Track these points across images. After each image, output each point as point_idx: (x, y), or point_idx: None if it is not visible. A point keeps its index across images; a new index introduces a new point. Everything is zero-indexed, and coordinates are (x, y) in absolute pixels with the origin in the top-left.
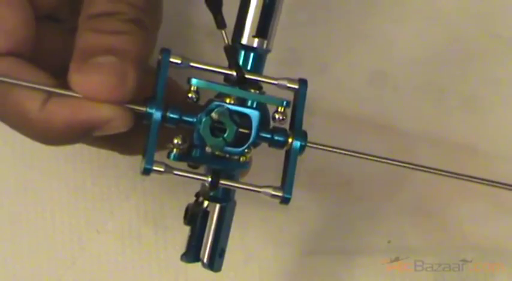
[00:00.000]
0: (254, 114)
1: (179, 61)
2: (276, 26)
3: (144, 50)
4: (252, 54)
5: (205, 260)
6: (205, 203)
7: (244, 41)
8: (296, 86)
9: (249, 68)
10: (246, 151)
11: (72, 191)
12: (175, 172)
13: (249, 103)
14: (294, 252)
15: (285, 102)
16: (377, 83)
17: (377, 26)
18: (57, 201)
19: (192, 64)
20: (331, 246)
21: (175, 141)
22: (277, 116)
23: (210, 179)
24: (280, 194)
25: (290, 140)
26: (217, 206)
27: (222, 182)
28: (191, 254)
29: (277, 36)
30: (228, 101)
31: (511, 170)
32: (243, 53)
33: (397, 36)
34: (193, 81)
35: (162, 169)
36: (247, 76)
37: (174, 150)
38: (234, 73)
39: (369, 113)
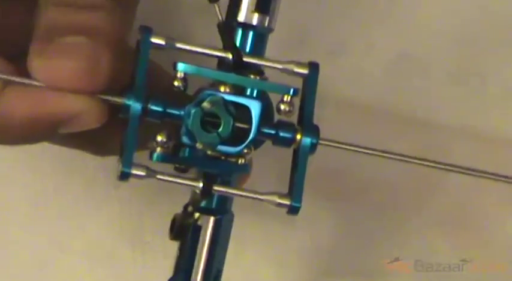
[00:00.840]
0: (254, 105)
1: (163, 42)
2: None
3: (121, 29)
4: (251, 33)
5: None
6: (196, 215)
7: (241, 17)
8: (305, 71)
9: (247, 49)
10: (245, 150)
11: (31, 202)
12: (159, 177)
13: (248, 92)
14: (302, 274)
15: (292, 90)
16: (402, 68)
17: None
18: (12, 213)
19: (178, 45)
20: (346, 267)
21: (159, 138)
22: (282, 107)
23: (201, 185)
24: (287, 202)
25: (299, 136)
26: (211, 219)
27: (216, 188)
28: (180, 277)
29: (282, 12)
30: (222, 89)
31: None
32: (240, 31)
33: (426, 13)
34: (180, 66)
35: (142, 173)
36: (245, 59)
37: (158, 149)
38: (230, 56)
39: (393, 105)
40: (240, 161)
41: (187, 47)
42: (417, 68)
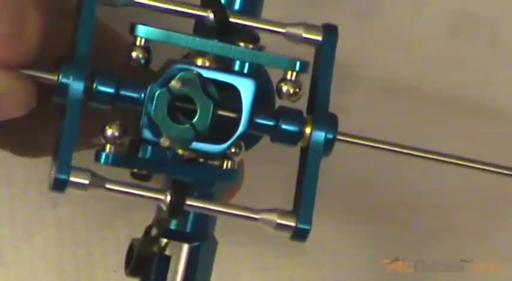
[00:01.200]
0: (245, 84)
1: None
2: None
3: None
4: None
5: None
6: (163, 241)
7: None
8: (319, 38)
9: (236, 7)
10: (232, 149)
11: None
12: (109, 186)
13: (237, 66)
14: None
15: (298, 64)
16: (460, 35)
17: None
18: None
19: (142, 1)
20: None
21: (109, 132)
22: (285, 88)
23: (169, 199)
24: (292, 223)
25: (308, 129)
26: (185, 247)
27: (190, 204)
28: None
29: None
30: (200, 62)
31: None
32: None
33: None
34: (141, 29)
35: (85, 181)
36: (232, 20)
37: (108, 148)
38: (211, 15)
39: (447, 87)
40: (225, 165)
41: (152, 3)
42: (481, 34)
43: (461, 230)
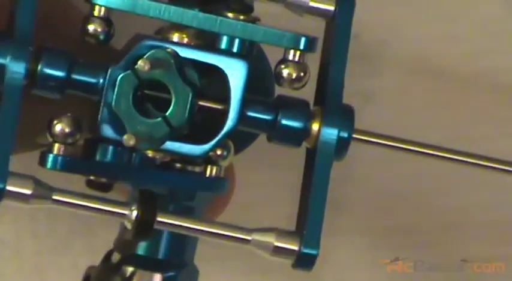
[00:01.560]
0: (235, 67)
1: None
2: None
3: None
4: None
5: None
6: (128, 270)
7: None
8: (330, 8)
9: None
10: (217, 151)
11: None
12: (57, 198)
13: (224, 44)
14: None
15: (303, 41)
16: None
17: None
18: None
19: None
20: None
21: (58, 128)
22: (286, 72)
23: (135, 215)
24: (294, 247)
25: (316, 126)
26: (157, 278)
27: (163, 221)
28: None
29: None
30: (176, 38)
31: None
32: None
33: None
34: None
35: (27, 191)
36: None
37: (56, 148)
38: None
39: (498, 72)
40: (209, 172)
41: None
42: None
43: None
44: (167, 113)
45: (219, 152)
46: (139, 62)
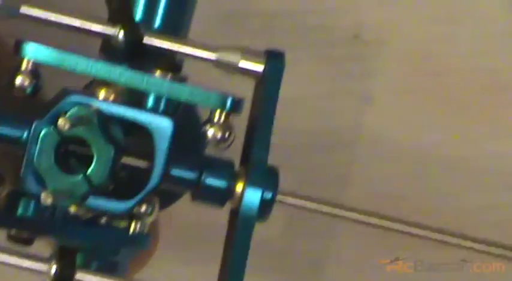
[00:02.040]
0: (160, 126)
1: None
2: None
3: None
4: None
5: None
6: None
7: None
8: (260, 68)
9: (155, 24)
10: (141, 208)
11: None
12: None
13: (150, 102)
14: None
15: (229, 102)
16: None
17: None
18: None
19: (29, 12)
20: None
21: None
22: (211, 132)
23: (53, 272)
24: None
25: (240, 186)
26: None
27: (82, 280)
28: None
29: None
30: (103, 95)
31: None
32: None
33: None
34: (29, 48)
35: None
36: (146, 41)
37: None
38: (120, 33)
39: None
40: (133, 228)
41: (44, 15)
42: None
43: None
44: (88, 171)
45: (143, 209)
46: (60, 121)
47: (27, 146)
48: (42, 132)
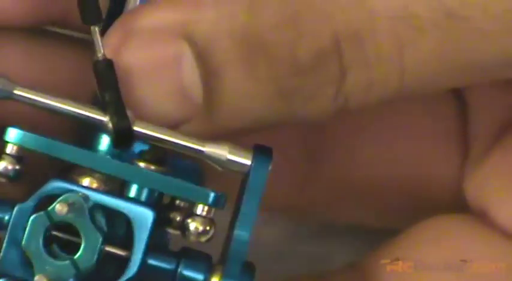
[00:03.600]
0: (140, 216)
1: None
2: None
3: None
4: None
5: None
6: None
7: None
8: (246, 163)
9: None
10: None
11: None
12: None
13: (134, 192)
14: None
15: (211, 197)
16: None
17: None
18: None
19: (22, 93)
20: None
21: None
22: (193, 226)
23: None
24: None
25: (215, 280)
26: None
27: None
28: None
29: None
30: (88, 183)
31: None
32: None
33: None
34: (13, 133)
35: None
36: (137, 129)
37: None
38: (108, 122)
39: None
40: None
41: (36, 98)
42: None
43: None
44: (76, 256)
45: None
46: (57, 206)
47: (11, 230)
48: (33, 216)
